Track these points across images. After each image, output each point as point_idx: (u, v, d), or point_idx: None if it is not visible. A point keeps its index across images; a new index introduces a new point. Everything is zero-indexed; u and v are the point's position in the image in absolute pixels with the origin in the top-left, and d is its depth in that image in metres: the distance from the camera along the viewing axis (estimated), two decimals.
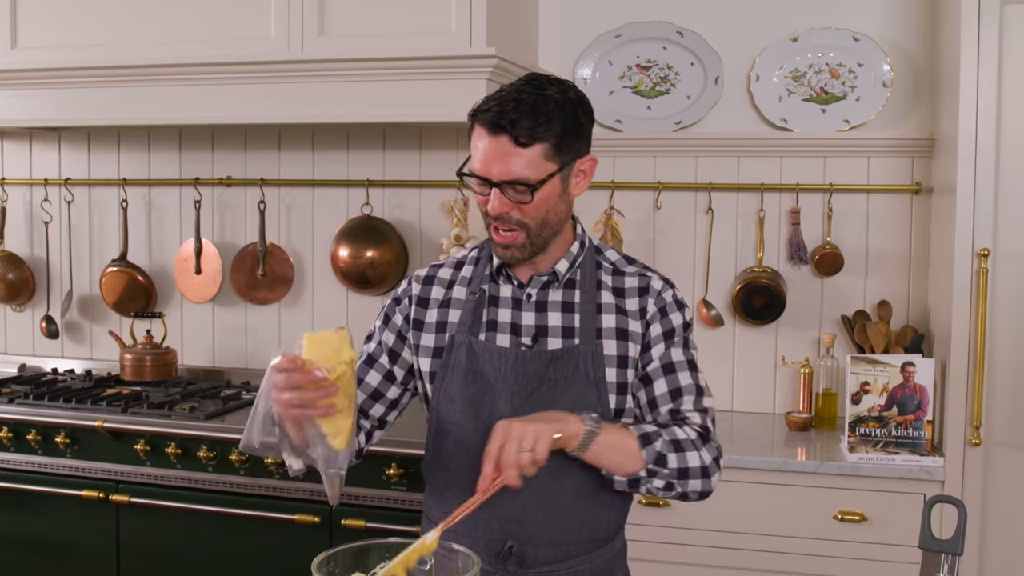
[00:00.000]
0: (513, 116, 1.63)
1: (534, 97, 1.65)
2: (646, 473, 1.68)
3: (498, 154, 1.65)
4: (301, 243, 3.59)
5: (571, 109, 1.68)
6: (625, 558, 1.91)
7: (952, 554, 1.35)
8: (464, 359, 1.78)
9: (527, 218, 1.69)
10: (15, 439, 3.12)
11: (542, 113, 1.64)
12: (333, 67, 2.95)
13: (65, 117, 3.28)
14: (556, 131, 1.65)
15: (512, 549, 1.76)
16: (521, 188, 1.66)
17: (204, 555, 2.96)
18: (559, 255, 1.80)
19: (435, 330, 1.83)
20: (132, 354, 3.48)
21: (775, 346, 3.23)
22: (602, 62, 3.30)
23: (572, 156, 1.70)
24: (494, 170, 1.65)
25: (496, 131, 1.64)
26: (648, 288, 1.81)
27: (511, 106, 1.63)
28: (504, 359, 1.75)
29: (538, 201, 1.67)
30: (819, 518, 2.68)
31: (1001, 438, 2.67)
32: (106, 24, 3.20)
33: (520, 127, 1.63)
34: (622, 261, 1.86)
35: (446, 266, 1.90)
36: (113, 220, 3.75)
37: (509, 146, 1.64)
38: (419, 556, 1.47)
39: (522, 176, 1.65)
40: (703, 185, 3.23)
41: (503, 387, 1.75)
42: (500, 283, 1.82)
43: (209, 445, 2.93)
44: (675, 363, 1.78)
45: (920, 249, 3.12)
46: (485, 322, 1.80)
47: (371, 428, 1.91)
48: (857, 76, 3.12)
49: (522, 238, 1.71)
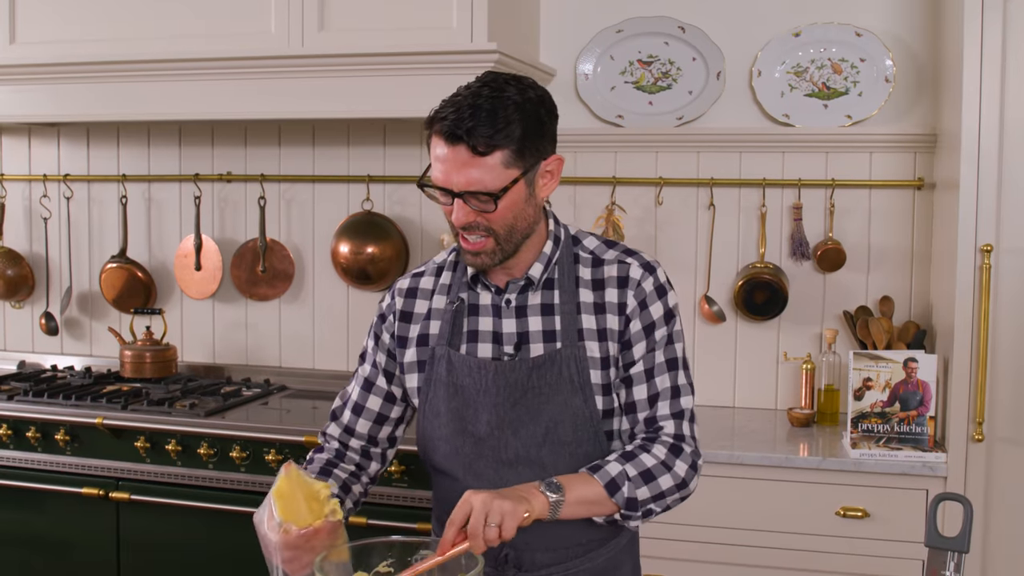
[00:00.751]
0: (470, 124, 1.56)
1: (491, 102, 1.58)
2: (620, 517, 1.67)
3: (457, 164, 1.58)
4: (301, 239, 3.58)
5: (532, 110, 1.62)
6: (634, 552, 1.89)
7: (958, 552, 1.35)
8: (444, 372, 1.75)
9: (494, 225, 1.64)
10: (14, 436, 3.11)
11: (501, 119, 1.57)
12: (333, 62, 2.94)
13: (64, 112, 3.27)
14: (516, 136, 1.59)
15: (508, 556, 1.75)
16: (484, 197, 1.59)
17: (204, 552, 2.96)
18: (532, 258, 1.75)
19: (417, 344, 1.81)
20: (132, 351, 3.47)
21: (777, 342, 3.23)
22: (603, 57, 3.29)
23: (535, 159, 1.64)
24: (454, 180, 1.59)
25: (453, 140, 1.58)
26: (627, 279, 1.74)
27: (468, 113, 1.57)
28: (484, 371, 1.72)
29: (503, 209, 1.62)
30: (821, 514, 2.67)
31: (1004, 434, 2.66)
32: (105, 19, 3.19)
33: (477, 135, 1.56)
34: (601, 247, 1.79)
35: (427, 274, 1.85)
36: (113, 216, 3.73)
37: (467, 155, 1.57)
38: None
39: (483, 186, 1.59)
40: (705, 181, 3.23)
41: (485, 399, 1.72)
42: (479, 290, 1.78)
43: (210, 442, 2.93)
44: (655, 366, 1.73)
45: (922, 245, 3.11)
46: (466, 332, 1.76)
47: (383, 450, 1.92)
48: (859, 71, 3.11)
49: (491, 245, 1.66)
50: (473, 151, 1.57)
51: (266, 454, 2.88)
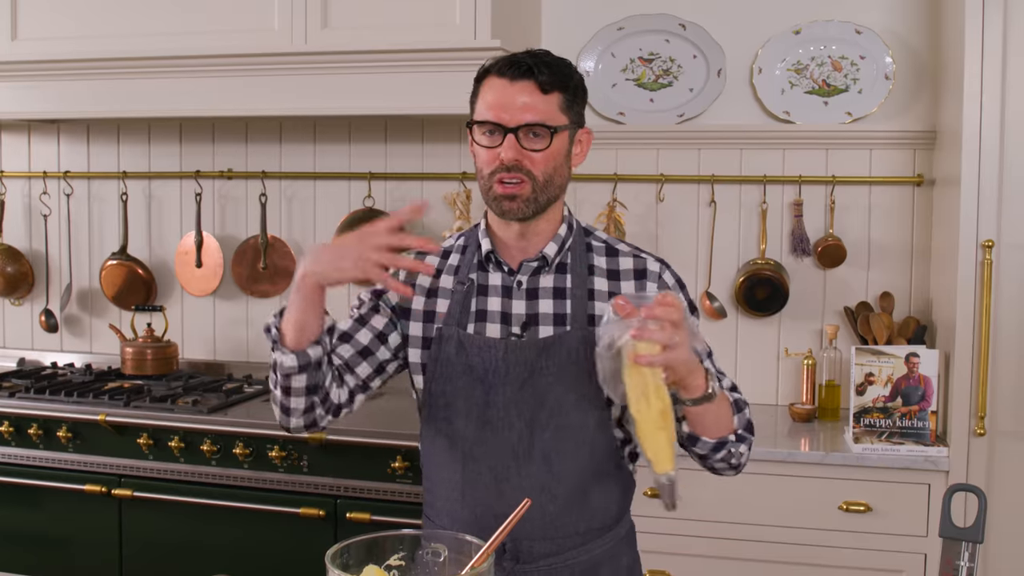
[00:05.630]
0: (537, 62, 1.66)
1: (549, 56, 1.70)
2: (735, 438, 1.70)
3: (520, 98, 1.66)
4: (303, 236, 3.58)
5: (579, 76, 1.74)
6: (633, 544, 1.89)
7: (973, 542, 1.36)
8: (453, 352, 1.75)
9: (536, 169, 1.67)
10: (16, 433, 3.10)
11: (563, 65, 1.70)
12: (336, 59, 2.95)
13: (64, 109, 3.27)
14: (572, 85, 1.70)
15: (506, 546, 1.74)
16: (541, 131, 1.66)
17: (208, 549, 2.95)
18: (548, 236, 1.77)
19: (422, 319, 1.80)
20: (133, 347, 3.47)
21: (778, 338, 3.24)
22: (605, 55, 3.29)
23: (579, 120, 1.74)
24: (513, 114, 1.65)
25: (518, 76, 1.66)
26: (645, 271, 1.78)
27: (532, 58, 1.67)
28: (494, 350, 1.72)
29: (549, 153, 1.67)
30: (824, 509, 2.69)
31: (1006, 428, 2.68)
32: (106, 16, 3.19)
33: (544, 73, 1.66)
34: (613, 239, 1.84)
35: (431, 255, 1.86)
36: (113, 213, 3.73)
37: (533, 90, 1.66)
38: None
39: (545, 118, 1.66)
40: (706, 177, 3.24)
41: (494, 378, 1.72)
42: (489, 271, 1.79)
43: (212, 439, 2.93)
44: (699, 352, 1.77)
45: (922, 241, 3.12)
46: (474, 312, 1.77)
47: (355, 387, 1.82)
48: (859, 68, 3.13)
49: (528, 190, 1.68)
50: (540, 86, 1.66)
51: (269, 451, 2.88)
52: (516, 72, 1.66)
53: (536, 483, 1.72)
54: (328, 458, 2.85)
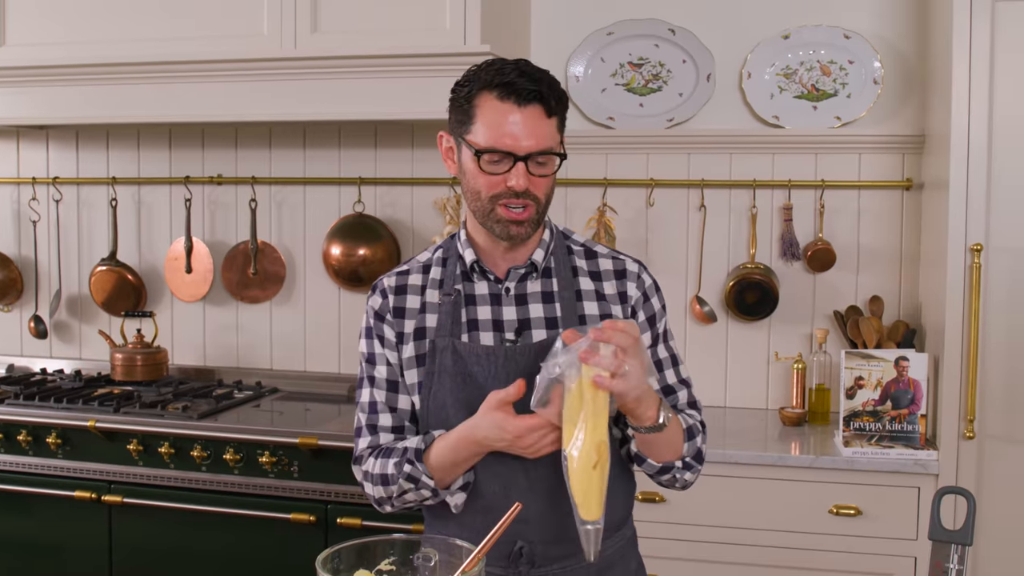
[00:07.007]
0: (540, 86, 1.62)
1: (542, 73, 1.65)
2: (682, 464, 1.70)
3: (530, 125, 1.61)
4: (293, 241, 3.58)
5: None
6: (636, 546, 1.90)
7: (962, 544, 1.36)
8: (450, 362, 1.73)
9: (540, 192, 1.67)
10: (5, 440, 3.09)
11: (557, 86, 1.66)
12: (326, 64, 2.95)
13: (53, 115, 3.26)
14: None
15: (523, 550, 1.74)
16: (548, 157, 1.64)
17: (198, 555, 2.95)
18: (535, 242, 1.77)
19: (414, 338, 1.78)
20: (123, 353, 3.46)
21: (768, 342, 3.25)
22: (594, 59, 3.30)
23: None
24: (526, 143, 1.61)
25: (527, 101, 1.61)
26: (625, 271, 1.79)
27: (537, 75, 1.63)
28: (492, 357, 1.72)
29: (551, 175, 1.67)
30: (814, 512, 2.69)
31: (994, 431, 2.69)
32: (95, 21, 3.18)
33: (551, 96, 1.63)
34: (591, 242, 1.85)
35: (413, 272, 1.83)
36: (102, 219, 3.72)
37: (540, 115, 1.62)
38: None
39: (552, 146, 1.64)
40: (695, 182, 3.24)
41: (495, 385, 1.70)
42: (475, 280, 1.78)
43: (203, 445, 2.92)
44: (662, 360, 1.79)
45: (911, 245, 3.14)
46: (465, 322, 1.75)
47: None
48: (848, 73, 3.14)
49: (533, 213, 1.68)
50: (547, 111, 1.63)
51: (259, 456, 2.87)
52: (522, 97, 1.61)
53: (545, 487, 1.72)
54: (318, 463, 2.84)
